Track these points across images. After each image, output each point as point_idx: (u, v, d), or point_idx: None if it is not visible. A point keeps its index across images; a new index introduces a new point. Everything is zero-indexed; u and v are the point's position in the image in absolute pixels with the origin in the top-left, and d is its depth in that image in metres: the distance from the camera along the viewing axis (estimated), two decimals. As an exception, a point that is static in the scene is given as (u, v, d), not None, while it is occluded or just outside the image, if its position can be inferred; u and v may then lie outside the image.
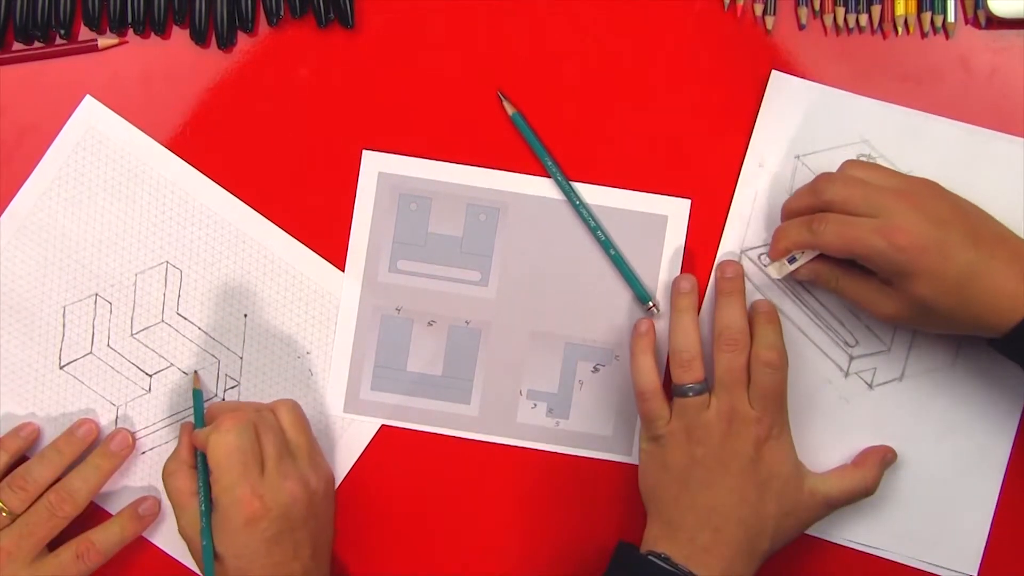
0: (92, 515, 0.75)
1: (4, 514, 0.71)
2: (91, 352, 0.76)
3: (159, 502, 0.75)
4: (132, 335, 0.76)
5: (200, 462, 0.71)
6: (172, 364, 0.76)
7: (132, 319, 0.76)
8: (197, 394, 0.75)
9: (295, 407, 0.73)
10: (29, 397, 0.76)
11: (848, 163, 0.71)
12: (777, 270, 0.73)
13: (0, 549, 0.70)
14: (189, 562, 0.76)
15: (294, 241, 0.76)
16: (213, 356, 0.76)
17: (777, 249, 0.72)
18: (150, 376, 0.77)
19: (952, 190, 0.70)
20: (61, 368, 0.76)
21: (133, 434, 0.76)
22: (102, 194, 0.76)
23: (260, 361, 0.76)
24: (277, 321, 0.76)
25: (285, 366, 0.76)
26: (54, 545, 0.72)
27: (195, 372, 0.76)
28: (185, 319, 0.76)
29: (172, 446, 0.75)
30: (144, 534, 0.76)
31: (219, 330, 0.77)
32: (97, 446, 0.75)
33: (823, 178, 0.70)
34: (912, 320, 0.68)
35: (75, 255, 0.76)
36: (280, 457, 0.69)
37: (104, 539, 0.73)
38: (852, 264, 0.69)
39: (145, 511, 0.75)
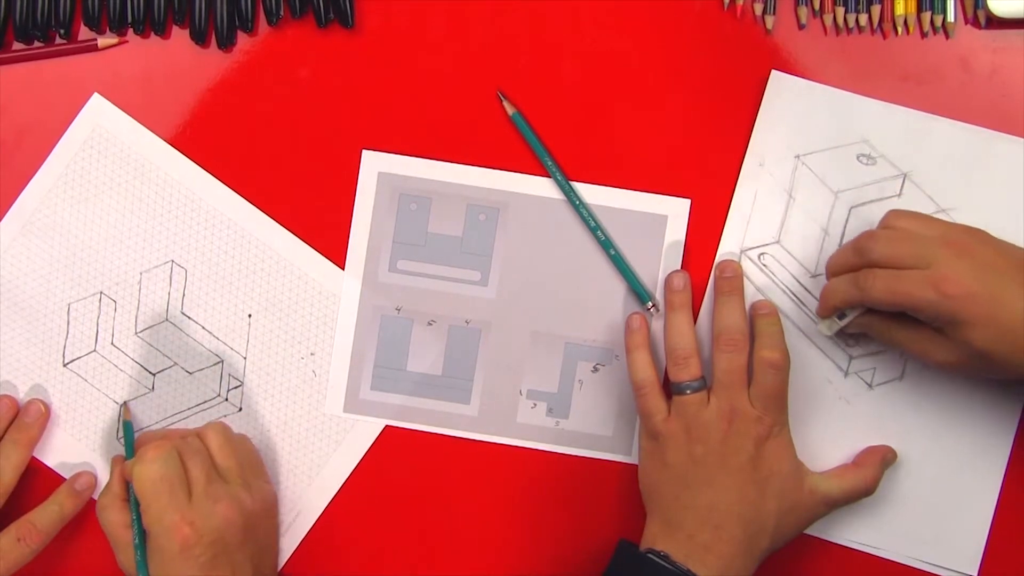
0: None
1: None
2: (95, 350, 0.76)
3: (95, 477, 0.76)
4: (136, 333, 0.77)
5: (132, 494, 0.71)
6: (176, 363, 0.76)
7: (136, 318, 0.76)
8: (127, 426, 0.75)
9: (224, 429, 0.73)
10: (32, 394, 0.76)
11: (891, 213, 0.70)
12: (828, 327, 0.72)
13: None
14: None
15: (300, 242, 0.76)
16: (217, 356, 0.76)
17: (827, 307, 0.71)
18: (153, 375, 0.77)
19: (952, 189, 0.70)
20: (65, 366, 0.76)
21: (47, 404, 0.76)
22: (108, 192, 0.76)
23: (264, 362, 0.76)
24: (282, 322, 0.76)
25: (289, 367, 0.76)
26: None
27: (124, 403, 0.76)
28: (189, 318, 0.76)
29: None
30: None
31: (223, 330, 0.77)
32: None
33: (866, 237, 0.69)
34: (970, 368, 0.67)
35: (80, 253, 0.76)
36: (208, 481, 0.69)
37: (44, 519, 0.73)
38: (903, 314, 0.68)
39: (82, 486, 0.75)
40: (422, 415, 0.76)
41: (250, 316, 0.76)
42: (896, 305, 0.67)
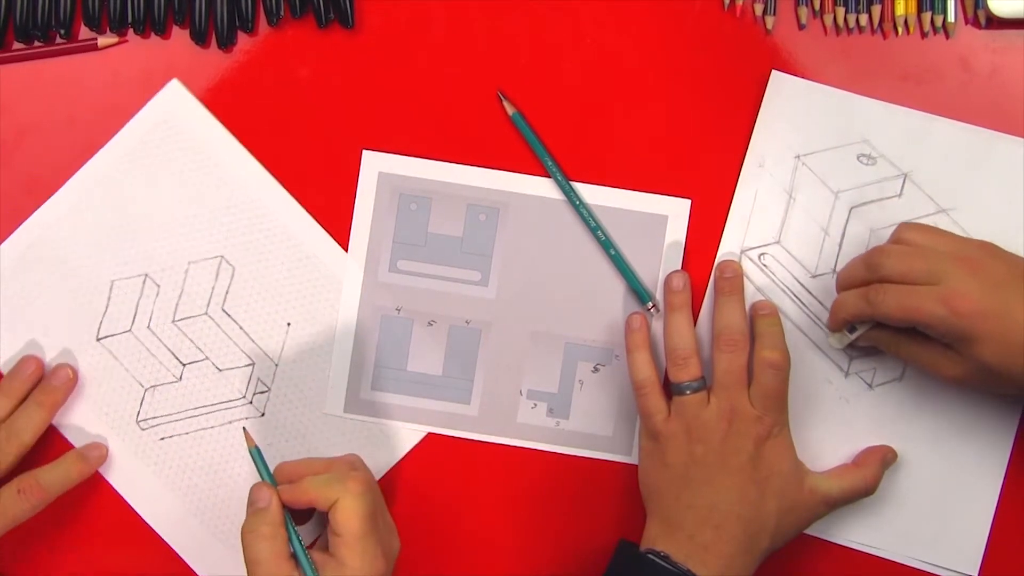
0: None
1: None
2: (130, 330, 0.76)
3: (107, 450, 0.75)
4: (173, 321, 0.76)
5: (289, 522, 0.67)
6: (207, 357, 0.76)
7: (177, 306, 0.76)
8: (256, 452, 0.69)
9: (363, 461, 0.73)
10: (61, 360, 0.76)
11: (903, 227, 0.70)
12: (838, 340, 0.73)
13: None
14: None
15: (352, 261, 0.76)
16: (249, 358, 0.76)
17: (836, 321, 0.72)
18: (183, 365, 0.76)
19: (952, 189, 0.70)
20: (98, 340, 0.76)
21: (75, 370, 0.76)
22: (171, 178, 0.76)
23: (294, 371, 0.76)
24: (319, 336, 0.76)
25: (316, 381, 0.76)
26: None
27: (244, 429, 0.72)
28: (229, 316, 0.76)
29: (192, 439, 0.76)
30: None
31: (260, 334, 0.76)
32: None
33: (877, 252, 0.69)
34: (980, 383, 0.67)
35: (133, 233, 0.76)
36: (382, 512, 0.70)
37: (49, 478, 0.73)
38: (912, 329, 0.68)
39: (92, 454, 0.75)
40: (422, 415, 0.76)
41: (289, 325, 0.76)
42: (906, 321, 0.67)
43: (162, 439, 0.76)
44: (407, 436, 0.76)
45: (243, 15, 0.76)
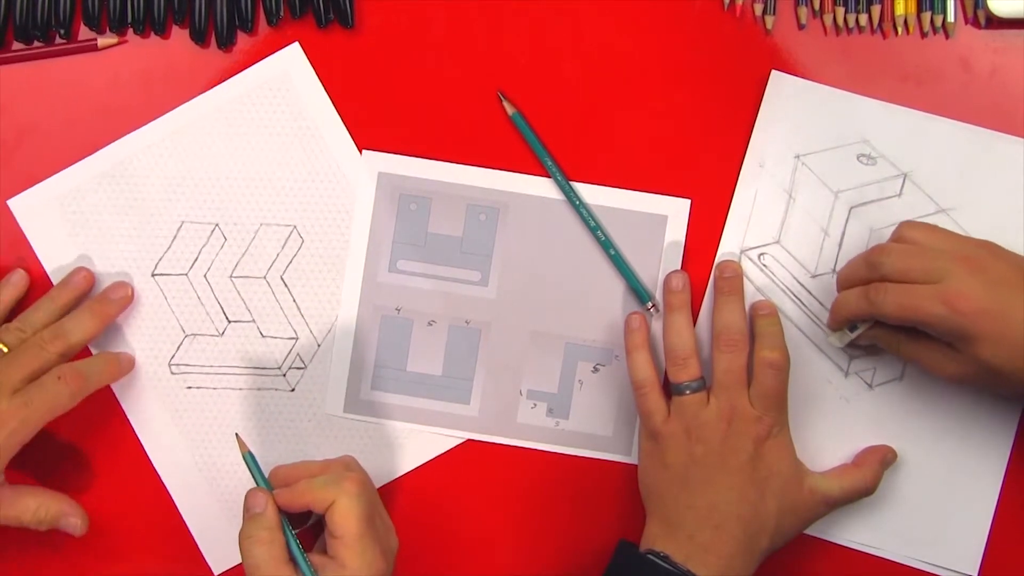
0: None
1: (5, 351, 0.72)
2: (186, 274, 0.76)
3: (132, 290, 0.76)
4: (231, 277, 0.76)
5: (287, 526, 0.67)
6: (254, 320, 0.76)
7: (238, 263, 0.76)
8: (250, 456, 0.70)
9: (358, 462, 0.73)
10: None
11: (904, 225, 0.70)
12: (839, 339, 0.73)
13: None
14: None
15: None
16: (294, 331, 0.76)
17: (837, 320, 0.72)
18: (228, 322, 0.76)
19: (952, 189, 0.70)
20: (152, 276, 0.76)
21: (134, 290, 0.76)
22: (267, 137, 0.76)
23: (347, 367, 0.77)
24: None
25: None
26: None
27: (236, 435, 0.71)
28: (286, 286, 0.76)
29: (217, 395, 0.76)
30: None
31: (312, 311, 0.76)
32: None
33: (878, 251, 0.69)
34: (980, 382, 0.67)
35: (215, 180, 0.76)
36: (380, 512, 0.70)
37: (86, 366, 0.73)
38: (913, 328, 0.68)
39: (123, 358, 0.75)
40: (422, 415, 0.76)
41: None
42: (907, 320, 0.67)
43: (189, 388, 0.77)
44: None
45: (243, 15, 0.76)
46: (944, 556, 0.75)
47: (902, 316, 0.67)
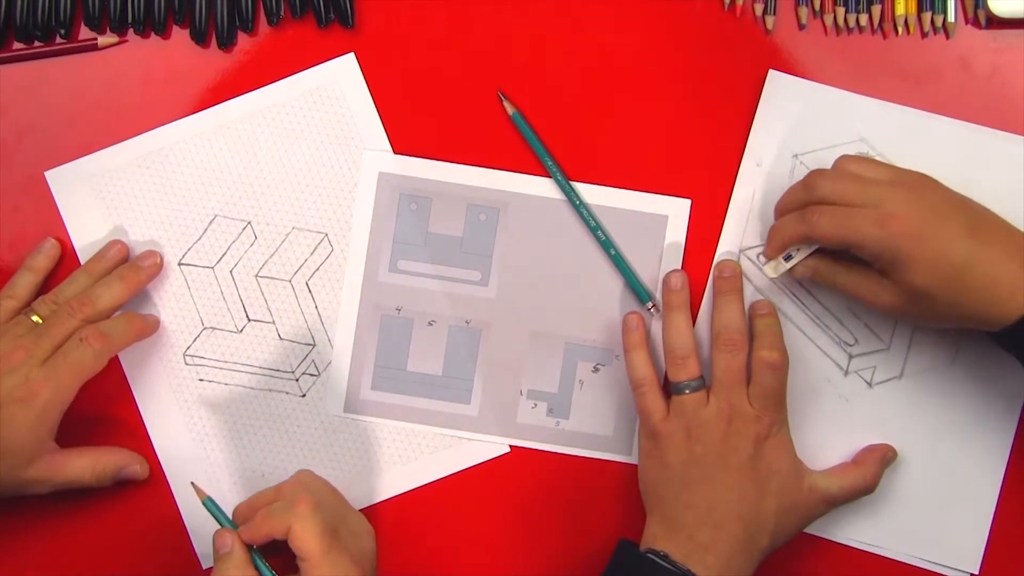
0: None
1: (39, 323, 0.72)
2: (213, 267, 0.76)
3: (161, 258, 0.76)
4: (256, 275, 0.76)
5: (257, 557, 0.68)
6: (274, 322, 0.76)
7: (266, 263, 0.76)
8: (210, 501, 0.70)
9: (314, 475, 0.72)
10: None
11: (843, 158, 0.71)
12: (773, 268, 0.73)
13: (20, 348, 0.71)
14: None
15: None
16: (312, 337, 0.76)
17: (773, 246, 0.72)
18: (248, 320, 0.77)
19: (950, 187, 0.70)
20: (179, 264, 0.77)
21: (163, 258, 0.76)
22: (311, 143, 0.76)
23: (347, 367, 0.77)
24: None
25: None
26: None
27: (192, 483, 0.71)
28: (310, 292, 0.76)
29: (227, 391, 0.76)
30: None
31: (332, 321, 0.76)
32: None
33: (816, 174, 0.70)
34: (912, 312, 0.68)
35: (253, 178, 0.76)
36: (344, 521, 0.70)
37: (108, 326, 0.73)
38: (849, 259, 0.69)
39: (148, 318, 0.76)
40: (422, 415, 0.76)
41: None
42: (841, 241, 0.67)
43: (200, 380, 0.77)
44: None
45: (243, 15, 0.76)
46: (945, 554, 0.75)
47: (837, 236, 0.67)
